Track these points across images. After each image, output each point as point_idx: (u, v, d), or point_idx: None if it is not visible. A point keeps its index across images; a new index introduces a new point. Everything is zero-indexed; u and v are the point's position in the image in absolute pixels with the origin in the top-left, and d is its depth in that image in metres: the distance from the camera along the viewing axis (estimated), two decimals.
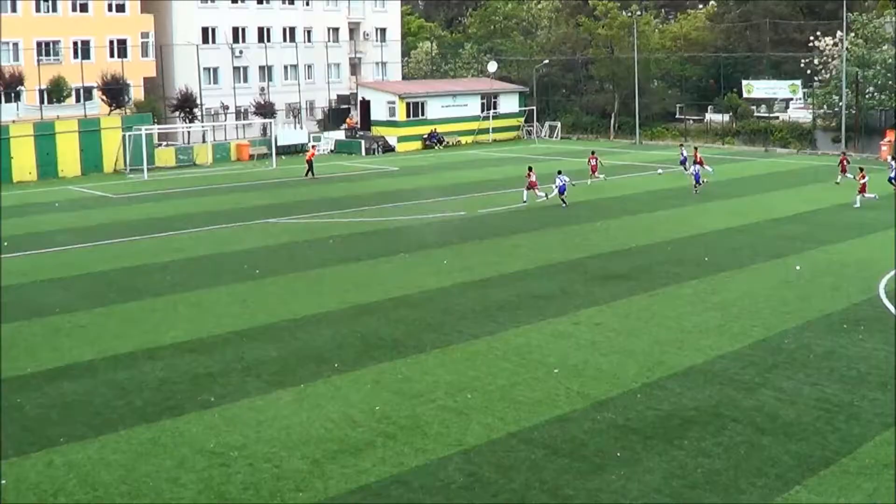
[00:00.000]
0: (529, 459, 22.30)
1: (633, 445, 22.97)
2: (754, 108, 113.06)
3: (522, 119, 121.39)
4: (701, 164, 71.27)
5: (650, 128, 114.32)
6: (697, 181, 68.14)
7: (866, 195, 59.52)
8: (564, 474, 21.52)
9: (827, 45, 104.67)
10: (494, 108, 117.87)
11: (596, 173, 73.98)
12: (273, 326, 34.43)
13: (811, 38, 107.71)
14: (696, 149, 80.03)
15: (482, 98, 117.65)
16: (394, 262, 45.46)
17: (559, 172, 65.28)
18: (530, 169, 65.19)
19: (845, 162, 72.36)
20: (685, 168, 75.07)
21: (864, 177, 60.70)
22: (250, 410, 25.72)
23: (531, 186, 64.11)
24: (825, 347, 30.60)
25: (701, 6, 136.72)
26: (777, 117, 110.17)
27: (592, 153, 77.38)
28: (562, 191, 62.91)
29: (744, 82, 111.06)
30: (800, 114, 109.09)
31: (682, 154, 79.79)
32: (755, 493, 20.58)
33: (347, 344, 31.97)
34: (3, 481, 21.51)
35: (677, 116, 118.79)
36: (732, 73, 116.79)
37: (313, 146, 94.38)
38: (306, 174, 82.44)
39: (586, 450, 22.77)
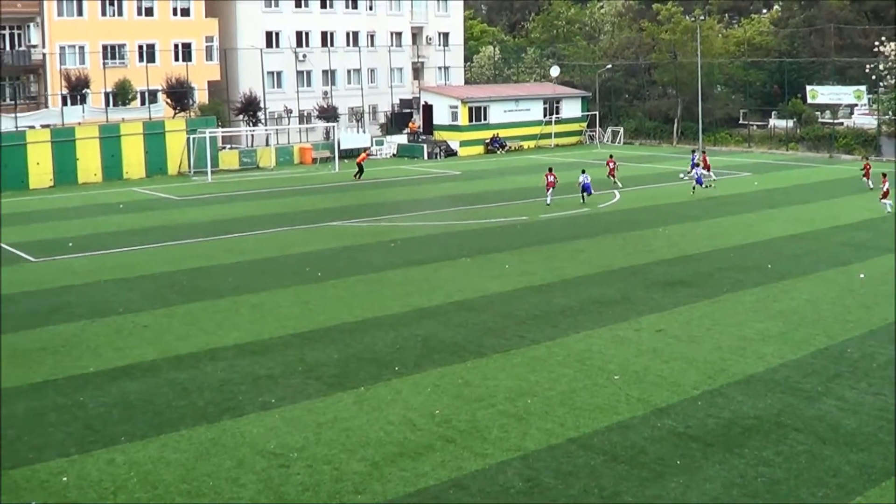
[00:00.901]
0: (588, 466, 22.22)
1: (692, 453, 22.84)
2: (818, 113, 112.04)
3: (585, 124, 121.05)
4: (707, 168, 74.38)
5: (713, 133, 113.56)
6: (699, 182, 69.94)
7: (885, 202, 59.17)
8: (623, 481, 21.42)
9: (892, 50, 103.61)
10: (557, 112, 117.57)
11: (614, 176, 75.15)
12: (334, 329, 34.50)
13: (876, 43, 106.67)
14: (703, 153, 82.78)
15: (544, 103, 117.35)
16: (455, 266, 45.45)
17: (583, 171, 67.44)
18: (550, 170, 67.35)
19: (868, 168, 73.25)
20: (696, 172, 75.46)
21: (885, 182, 60.75)
22: (310, 412, 25.78)
23: (550, 186, 65.78)
24: (888, 356, 30.25)
25: (765, 11, 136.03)
26: (841, 123, 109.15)
27: (610, 157, 78.48)
28: (586, 188, 65.61)
29: (808, 88, 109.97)
30: (864, 120, 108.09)
31: (692, 159, 79.58)
32: (815, 503, 20.41)
33: (408, 347, 31.99)
34: None
35: (741, 122, 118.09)
36: (797, 79, 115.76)
37: (366, 150, 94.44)
38: (356, 176, 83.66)
39: (646, 457, 22.66)
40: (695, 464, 22.25)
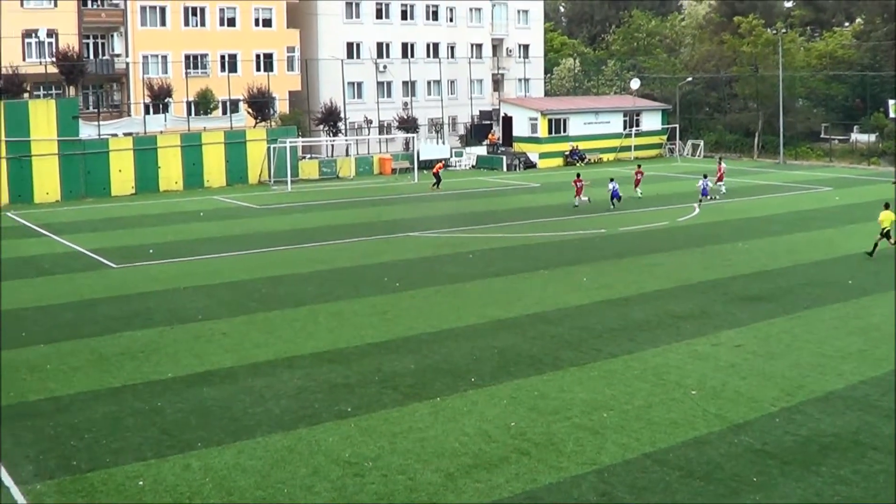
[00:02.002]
0: (664, 481, 22.05)
1: (769, 470, 22.60)
2: None
3: (665, 137, 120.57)
4: (720, 179, 76.69)
5: (794, 147, 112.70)
6: (704, 194, 70.90)
7: None
8: (698, 497, 21.23)
9: None
10: (637, 125, 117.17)
11: (638, 187, 76.21)
12: (411, 339, 34.52)
13: None
14: (720, 161, 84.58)
15: (624, 115, 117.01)
16: (533, 279, 45.32)
17: (611, 180, 70.14)
18: (578, 176, 71.66)
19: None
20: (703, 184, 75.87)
21: None
22: (386, 422, 25.80)
23: (578, 192, 70.34)
24: None
25: (847, 24, 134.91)
26: None
27: (638, 167, 79.62)
28: (615, 195, 69.28)
29: (890, 102, 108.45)
30: None
31: (720, 169, 79.52)
32: None
33: (485, 359, 31.93)
34: None
35: (822, 136, 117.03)
36: (879, 93, 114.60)
37: (442, 160, 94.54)
38: (434, 185, 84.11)
39: (722, 473, 22.44)
40: (771, 481, 22.01)
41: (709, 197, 70.97)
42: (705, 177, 73.00)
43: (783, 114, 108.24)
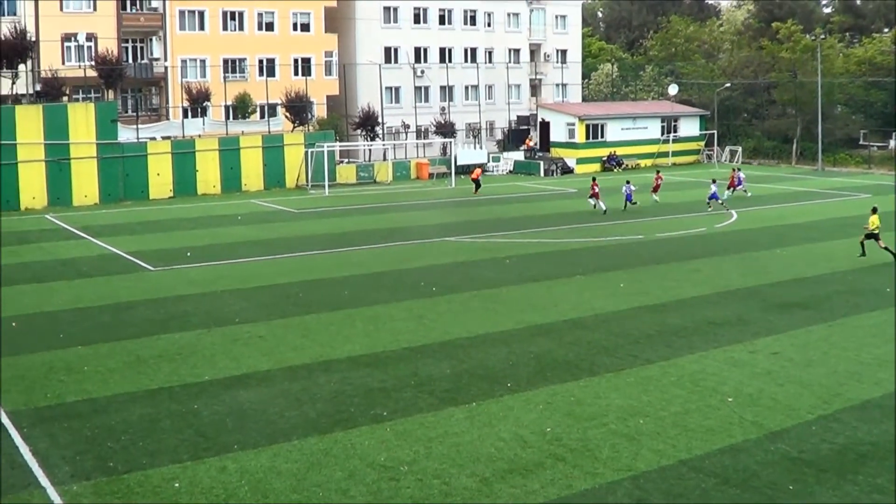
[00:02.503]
0: (699, 488, 21.96)
1: (805, 478, 22.46)
2: None
3: (703, 143, 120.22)
4: (731, 187, 78.46)
5: (833, 154, 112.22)
6: (714, 197, 71.84)
7: None
8: None
9: None
10: (674, 131, 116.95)
11: (656, 193, 77.08)
12: (448, 344, 34.51)
13: None
14: (733, 170, 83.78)
15: (662, 121, 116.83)
16: (570, 284, 45.25)
17: (627, 182, 72.70)
18: (594, 179, 73.67)
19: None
20: (743, 189, 75.77)
21: None
22: (421, 426, 25.80)
23: (593, 196, 71.98)
24: None
25: (886, 30, 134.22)
26: None
27: (657, 172, 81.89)
28: (629, 198, 71.83)
29: None
30: None
31: (738, 177, 79.42)
32: None
33: (521, 364, 31.89)
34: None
35: (861, 143, 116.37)
36: None
37: (479, 166, 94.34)
38: (476, 191, 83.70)
39: (758, 481, 22.34)
40: (807, 489, 21.88)
41: (719, 202, 71.20)
42: (714, 181, 73.06)
43: (822, 120, 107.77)
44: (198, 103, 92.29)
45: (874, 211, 51.89)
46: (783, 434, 25.16)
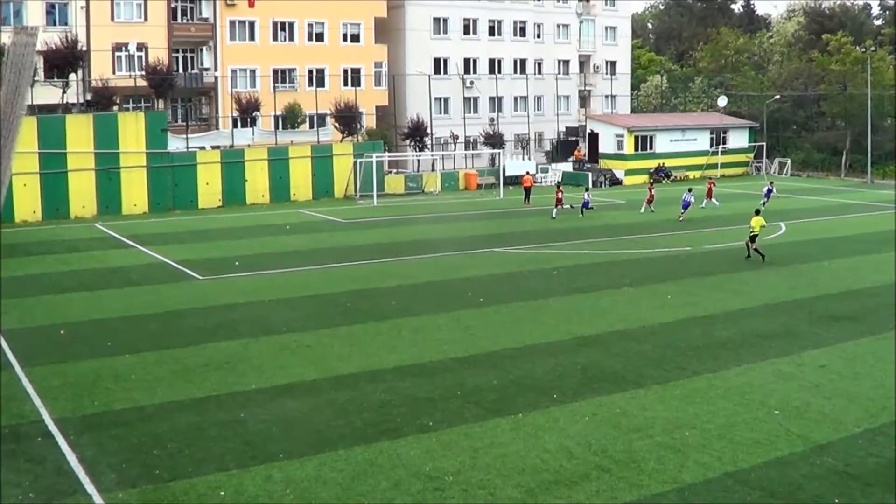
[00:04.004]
0: (745, 501, 21.82)
1: (851, 492, 22.29)
2: None
3: (752, 155, 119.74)
4: (709, 195, 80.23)
5: (882, 166, 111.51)
6: (686, 206, 72.92)
7: None
8: None
9: None
10: (723, 143, 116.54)
11: (712, 198, 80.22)
12: (494, 354, 34.45)
13: None
14: (710, 180, 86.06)
15: (711, 133, 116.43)
16: (617, 295, 45.13)
17: (689, 190, 73.82)
18: (558, 186, 76.83)
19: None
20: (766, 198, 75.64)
21: None
22: (467, 437, 25.76)
23: (558, 203, 75.24)
24: None
25: None
26: None
27: (710, 180, 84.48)
28: (686, 205, 72.89)
29: None
30: None
31: (768, 187, 79.26)
32: None
33: (567, 375, 31.81)
34: None
35: None
36: None
37: (528, 174, 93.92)
38: (525, 200, 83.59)
39: (803, 494, 22.19)
40: (853, 503, 21.73)
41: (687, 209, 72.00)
42: (690, 190, 74.54)
43: (871, 132, 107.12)
44: (247, 113, 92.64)
45: (757, 213, 56.01)
46: (829, 447, 25.00)
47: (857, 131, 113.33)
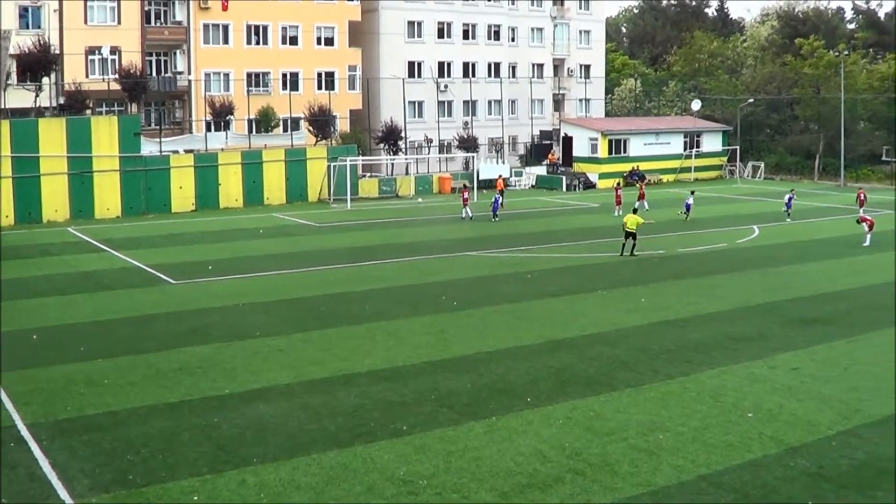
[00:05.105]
0: (719, 503, 21.93)
1: (825, 494, 22.40)
2: None
3: (725, 158, 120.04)
4: (641, 198, 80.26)
5: (855, 170, 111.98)
6: (688, 209, 75.24)
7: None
8: None
9: None
10: (697, 146, 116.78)
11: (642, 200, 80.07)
12: (468, 358, 34.50)
13: None
14: (618, 184, 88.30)
15: (685, 136, 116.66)
16: (591, 299, 45.24)
17: (692, 192, 76.30)
18: (465, 186, 78.02)
19: (862, 197, 76.93)
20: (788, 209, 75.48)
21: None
22: (441, 440, 25.78)
23: (465, 203, 76.99)
24: None
25: None
26: None
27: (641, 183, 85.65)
28: (687, 208, 75.09)
29: None
30: None
31: (789, 196, 79.02)
32: None
33: (541, 378, 31.87)
34: None
35: (883, 158, 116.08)
36: None
37: (501, 177, 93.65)
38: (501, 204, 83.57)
39: (777, 496, 22.28)
40: None
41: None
42: (692, 193, 76.74)
43: (844, 136, 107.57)
44: (221, 117, 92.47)
45: (634, 211, 58.71)
46: (803, 450, 25.13)
47: (831, 135, 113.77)
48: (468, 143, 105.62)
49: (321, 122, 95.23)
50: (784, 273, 52.20)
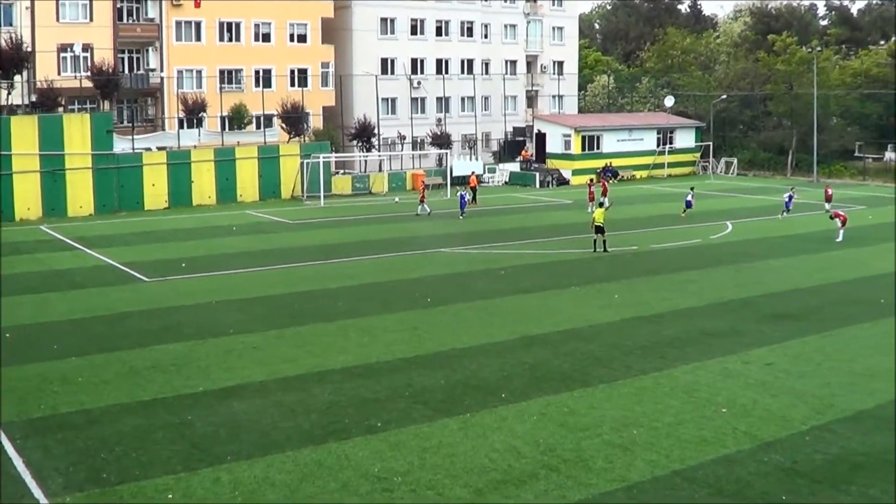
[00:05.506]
0: (693, 499, 21.99)
1: (799, 489, 22.50)
2: None
3: (698, 154, 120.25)
4: (604, 193, 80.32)
5: (828, 166, 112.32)
6: (688, 205, 74.77)
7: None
8: None
9: None
10: (670, 142, 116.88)
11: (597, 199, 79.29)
12: (442, 355, 34.52)
13: None
14: (591, 181, 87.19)
15: (658, 132, 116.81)
16: (564, 295, 45.29)
17: (692, 188, 76.47)
18: (423, 183, 78.90)
19: (829, 193, 77.82)
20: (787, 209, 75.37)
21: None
22: (415, 437, 25.80)
23: (422, 200, 78.34)
24: None
25: (882, 42, 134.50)
26: None
27: (603, 179, 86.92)
28: (688, 205, 74.38)
29: None
30: None
31: (789, 195, 78.82)
32: None
33: (515, 375, 31.90)
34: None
35: (856, 154, 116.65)
36: None
37: (474, 174, 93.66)
38: (473, 200, 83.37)
39: (751, 491, 22.37)
40: (800, 500, 21.92)
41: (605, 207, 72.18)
42: (692, 189, 76.89)
43: (817, 132, 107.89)
44: (194, 114, 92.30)
45: (601, 205, 60.94)
46: (776, 444, 25.22)
47: (803, 131, 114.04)
48: (441, 140, 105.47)
49: (294, 118, 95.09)
50: (757, 268, 52.34)
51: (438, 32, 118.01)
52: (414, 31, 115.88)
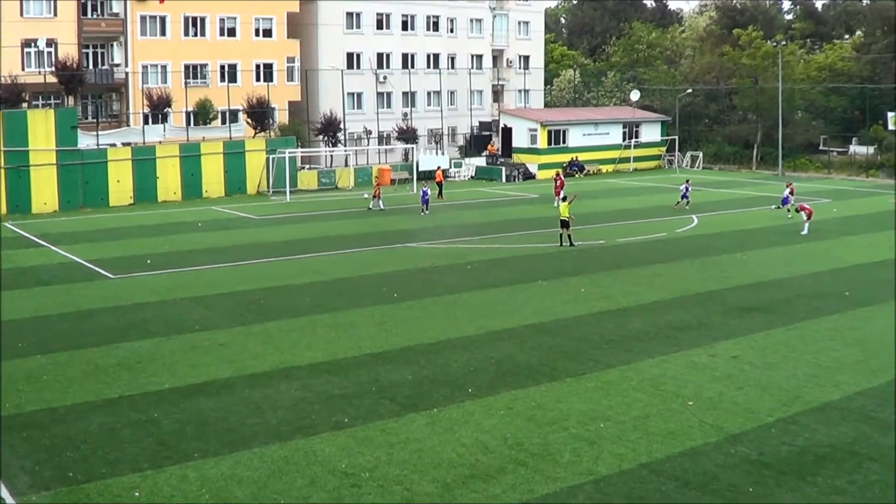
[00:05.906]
0: (660, 491, 22.03)
1: (765, 481, 22.58)
2: None
3: (664, 148, 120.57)
4: (557, 191, 79.07)
5: (793, 159, 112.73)
6: (684, 197, 75.77)
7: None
8: None
9: None
10: (636, 136, 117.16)
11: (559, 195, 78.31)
12: (409, 350, 34.50)
13: None
14: (557, 175, 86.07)
15: (624, 127, 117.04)
16: (531, 289, 45.29)
17: (687, 181, 77.23)
18: (376, 181, 79.99)
19: (792, 186, 76.20)
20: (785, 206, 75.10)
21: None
22: (383, 432, 25.77)
23: (377, 195, 78.59)
24: None
25: (847, 36, 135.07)
26: None
27: (559, 176, 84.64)
28: (684, 196, 75.57)
29: (889, 114, 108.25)
30: None
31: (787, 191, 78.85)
32: None
33: (482, 370, 31.90)
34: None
35: (821, 148, 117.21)
36: (878, 105, 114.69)
37: (440, 169, 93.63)
38: (438, 195, 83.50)
39: (718, 483, 22.44)
40: (767, 491, 21.99)
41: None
42: (688, 181, 76.39)
43: (782, 126, 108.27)
44: (158, 109, 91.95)
45: (564, 199, 60.47)
46: (743, 437, 25.29)
47: (768, 124, 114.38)
48: (408, 135, 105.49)
49: (260, 114, 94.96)
50: (723, 262, 52.49)
51: (404, 27, 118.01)
52: (380, 26, 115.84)
